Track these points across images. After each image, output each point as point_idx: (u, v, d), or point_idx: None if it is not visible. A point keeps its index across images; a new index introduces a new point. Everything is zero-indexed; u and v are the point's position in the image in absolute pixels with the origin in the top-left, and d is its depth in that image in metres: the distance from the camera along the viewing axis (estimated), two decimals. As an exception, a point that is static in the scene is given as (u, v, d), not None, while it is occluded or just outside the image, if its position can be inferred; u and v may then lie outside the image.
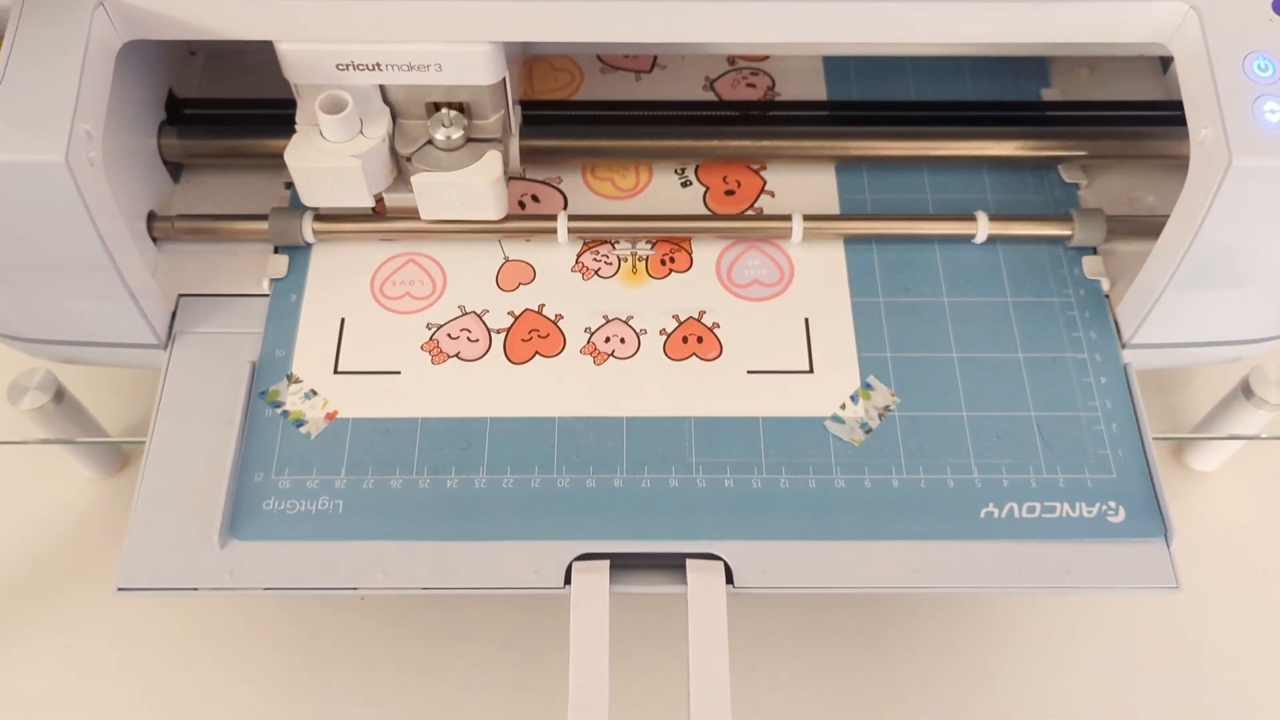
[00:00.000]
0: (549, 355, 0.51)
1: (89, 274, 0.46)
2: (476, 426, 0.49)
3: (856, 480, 0.47)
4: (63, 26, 0.43)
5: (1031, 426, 0.49)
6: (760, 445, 0.48)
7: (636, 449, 0.48)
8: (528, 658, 0.55)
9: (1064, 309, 0.52)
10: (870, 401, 0.49)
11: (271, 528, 0.46)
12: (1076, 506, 0.47)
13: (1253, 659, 0.55)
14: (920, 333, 0.51)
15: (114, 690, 0.54)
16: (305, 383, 0.50)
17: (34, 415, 0.52)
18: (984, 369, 0.50)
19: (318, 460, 0.48)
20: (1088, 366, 0.50)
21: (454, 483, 0.47)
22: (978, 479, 0.48)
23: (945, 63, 0.60)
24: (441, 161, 0.49)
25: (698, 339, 0.51)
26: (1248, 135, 0.42)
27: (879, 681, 0.55)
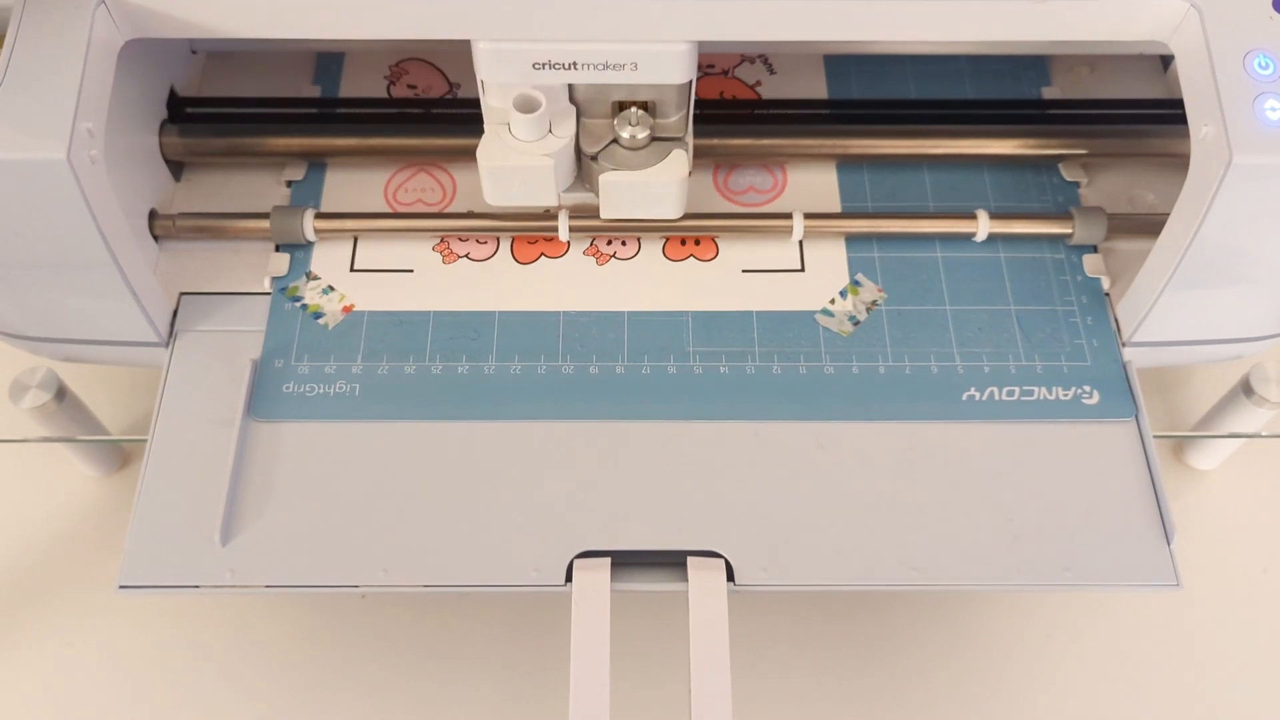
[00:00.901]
0: (554, 256, 0.53)
1: (90, 272, 0.46)
2: (485, 319, 0.51)
3: (845, 367, 0.50)
4: (64, 25, 0.43)
5: (1011, 319, 0.51)
6: (754, 336, 0.51)
7: (637, 340, 0.51)
8: (528, 656, 0.55)
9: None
10: (858, 297, 0.52)
11: (291, 408, 0.49)
12: (1053, 390, 0.49)
13: (1253, 657, 0.55)
14: (913, 286, 0.53)
15: (113, 689, 0.54)
16: (323, 279, 0.52)
17: (35, 413, 0.52)
18: (968, 267, 0.53)
19: (335, 348, 0.50)
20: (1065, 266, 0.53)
21: (465, 369, 0.50)
22: (960, 365, 0.50)
23: (946, 61, 0.60)
24: (626, 160, 0.49)
25: (695, 241, 0.54)
26: (1248, 133, 0.42)
27: (880, 679, 0.55)
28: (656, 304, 0.52)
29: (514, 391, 0.49)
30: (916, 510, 0.47)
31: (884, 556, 0.46)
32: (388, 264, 0.53)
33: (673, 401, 0.49)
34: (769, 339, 0.51)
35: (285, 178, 0.55)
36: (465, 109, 0.57)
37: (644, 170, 0.49)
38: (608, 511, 0.47)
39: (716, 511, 0.47)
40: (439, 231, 0.54)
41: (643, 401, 0.49)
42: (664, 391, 0.49)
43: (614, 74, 0.46)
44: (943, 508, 0.47)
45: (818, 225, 0.53)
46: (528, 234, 0.54)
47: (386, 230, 0.53)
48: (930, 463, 0.48)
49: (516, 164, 0.48)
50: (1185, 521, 0.58)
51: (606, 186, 0.50)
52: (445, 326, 0.51)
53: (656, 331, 0.51)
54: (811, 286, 0.52)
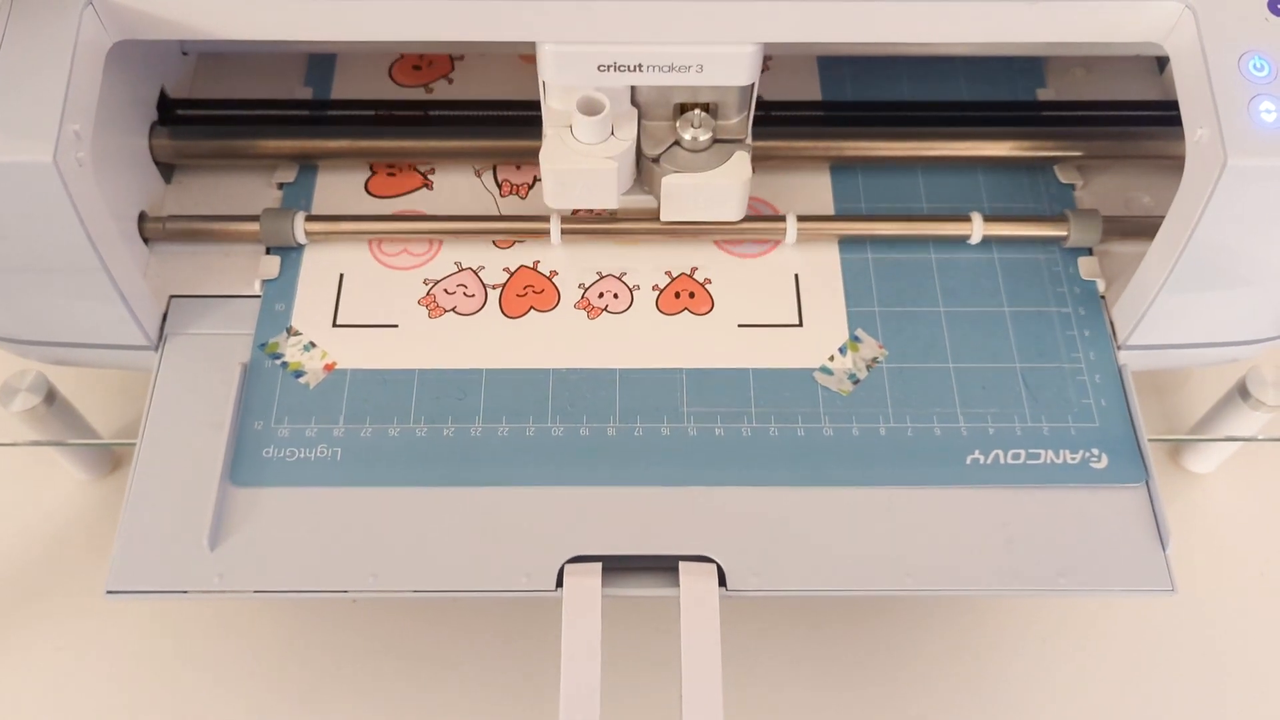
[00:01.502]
0: (544, 310, 0.52)
1: (79, 275, 0.46)
2: (472, 377, 0.49)
3: (845, 429, 0.48)
4: (51, 26, 0.42)
5: (1017, 378, 0.49)
6: (750, 395, 0.49)
7: (629, 399, 0.49)
8: (519, 661, 0.54)
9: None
10: (858, 354, 0.50)
11: (271, 474, 0.47)
12: (1060, 453, 0.48)
13: (1249, 660, 0.55)
14: (909, 287, 0.52)
15: (104, 692, 0.54)
16: (304, 335, 0.51)
17: (25, 417, 0.52)
18: (971, 322, 0.51)
19: (317, 409, 0.49)
20: (1071, 320, 0.51)
21: (450, 431, 0.48)
22: (964, 427, 0.48)
23: (940, 63, 0.60)
24: (688, 163, 0.49)
25: (689, 294, 0.52)
26: (1243, 135, 0.41)
27: (873, 685, 0.54)
28: (650, 360, 0.50)
29: (501, 456, 0.47)
30: (910, 502, 0.47)
31: (877, 561, 0.46)
32: (372, 319, 0.51)
33: (666, 466, 0.47)
34: (766, 399, 0.49)
35: (276, 180, 0.55)
36: (457, 110, 0.58)
37: (707, 172, 0.49)
38: (599, 516, 0.46)
39: (708, 516, 0.46)
40: (430, 234, 0.53)
41: (635, 466, 0.47)
42: (657, 455, 0.47)
43: (678, 76, 0.46)
44: (937, 501, 0.47)
45: (811, 228, 0.53)
46: (517, 235, 0.53)
47: (378, 233, 0.53)
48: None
49: (580, 167, 0.48)
50: (1182, 525, 0.58)
51: (669, 189, 0.49)
52: (431, 385, 0.49)
53: (650, 390, 0.49)
54: (810, 342, 0.50)
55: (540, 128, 0.55)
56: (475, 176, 0.56)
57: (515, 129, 0.56)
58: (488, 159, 0.56)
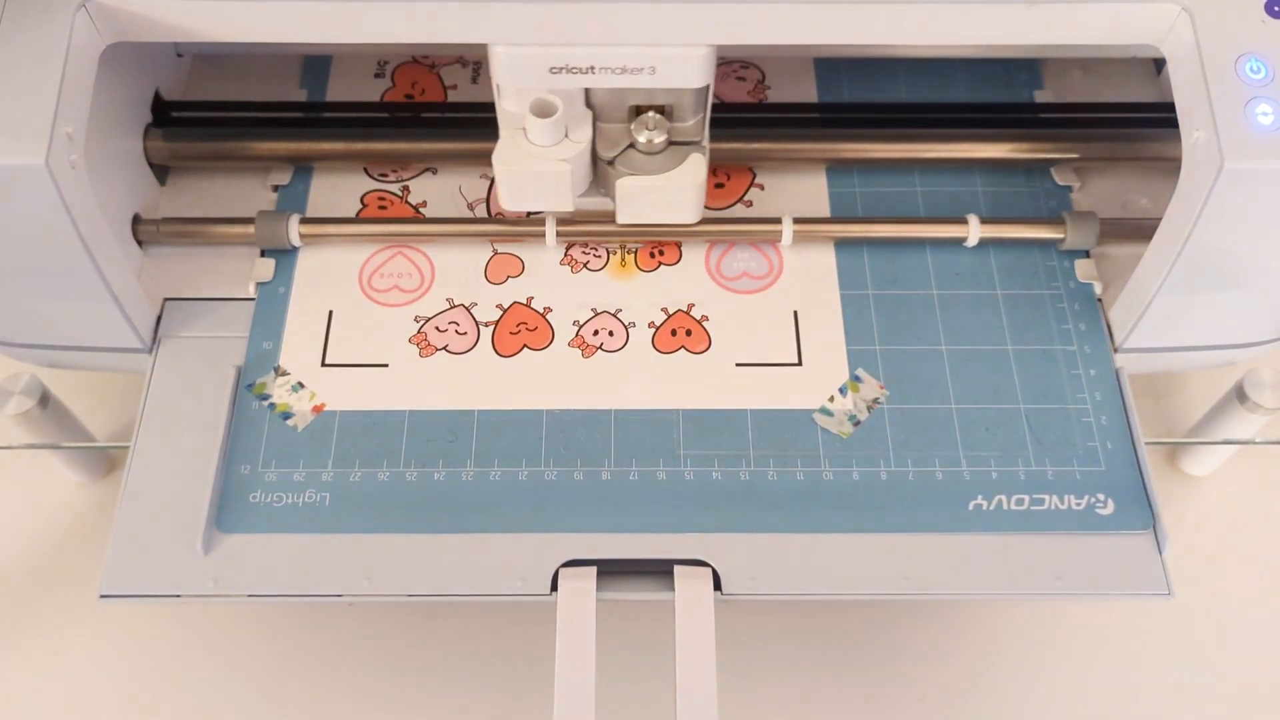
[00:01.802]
0: (537, 348, 0.51)
1: (73, 278, 0.46)
2: (464, 419, 0.49)
3: (845, 473, 0.47)
4: (44, 28, 0.42)
5: (1020, 419, 0.49)
6: (748, 438, 0.48)
7: (624, 441, 0.48)
8: (514, 665, 0.54)
9: (1056, 312, 0.51)
10: (859, 394, 0.49)
11: (258, 520, 0.46)
12: (1065, 499, 0.47)
13: (1246, 665, 0.55)
14: (909, 326, 0.51)
15: (98, 696, 0.54)
16: (292, 375, 0.50)
17: (19, 420, 0.52)
18: (973, 362, 0.50)
19: (305, 453, 0.48)
20: (1077, 359, 0.50)
21: (441, 475, 0.47)
22: (966, 471, 0.47)
23: (937, 64, 0.60)
24: (643, 165, 0.49)
25: (686, 332, 0.51)
26: (1239, 138, 0.41)
27: (869, 689, 0.54)
28: (645, 401, 0.49)
29: (493, 501, 0.47)
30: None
31: (873, 565, 0.45)
32: (361, 358, 0.50)
33: (662, 511, 0.46)
34: (764, 441, 0.48)
35: (271, 182, 0.55)
36: (453, 112, 0.58)
37: (661, 175, 0.48)
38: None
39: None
40: (425, 236, 0.53)
41: (630, 511, 0.46)
42: (653, 500, 0.47)
43: (632, 78, 0.46)
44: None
45: (807, 229, 0.53)
46: (511, 237, 0.53)
47: (373, 235, 0.53)
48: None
49: (533, 169, 0.48)
50: (1179, 528, 0.58)
51: (624, 191, 0.49)
52: (421, 428, 0.48)
53: (645, 432, 0.48)
54: (809, 382, 0.50)
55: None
56: (468, 210, 0.55)
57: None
58: (484, 161, 0.56)
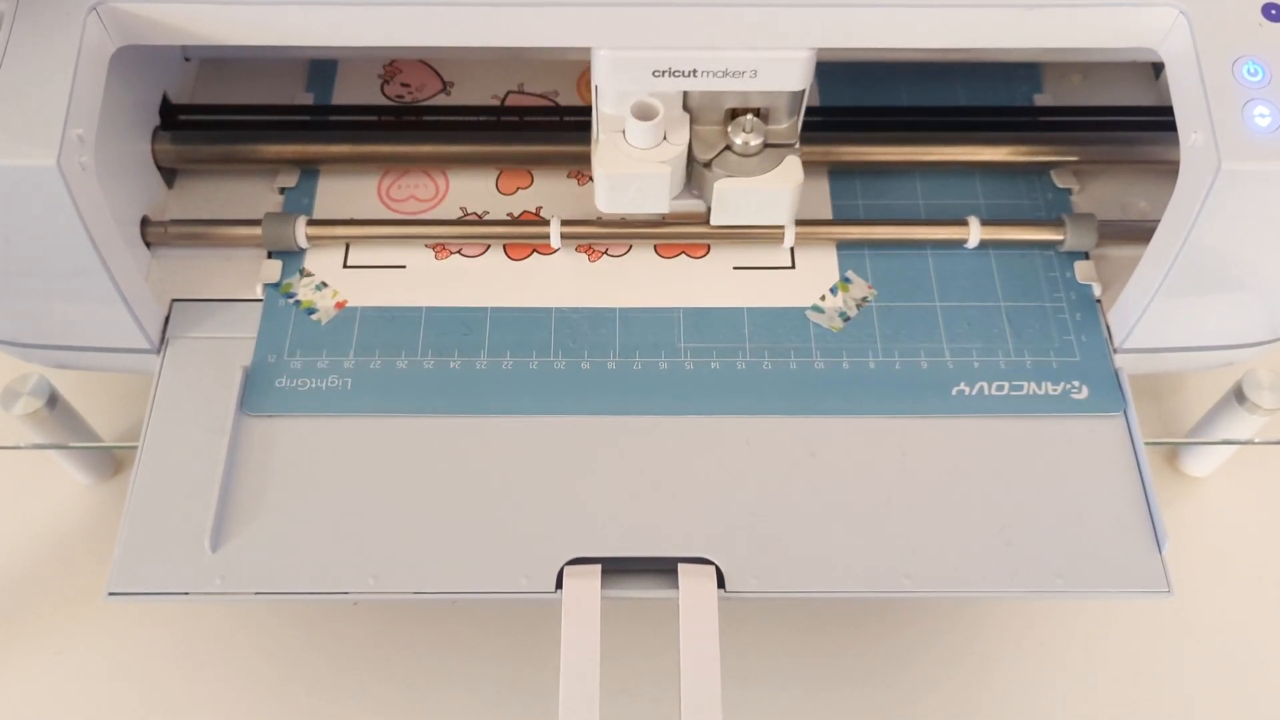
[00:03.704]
0: (546, 253, 0.53)
1: (82, 279, 0.46)
2: (478, 315, 0.51)
3: (835, 363, 0.50)
4: (55, 32, 0.43)
5: (1001, 315, 0.51)
6: (745, 332, 0.51)
7: (628, 336, 0.51)
8: (518, 663, 0.55)
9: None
10: (849, 293, 0.52)
11: (284, 402, 0.49)
12: (1042, 385, 0.50)
13: (1246, 665, 0.55)
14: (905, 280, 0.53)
15: (105, 696, 0.54)
16: (316, 276, 0.53)
17: (28, 420, 0.52)
18: (958, 262, 0.53)
19: (328, 343, 0.50)
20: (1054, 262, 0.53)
21: (457, 364, 0.50)
22: (950, 361, 0.50)
23: (937, 68, 0.60)
24: (739, 167, 0.49)
25: None
26: (1237, 140, 0.42)
27: (872, 687, 0.54)
28: (648, 300, 0.52)
29: (506, 386, 0.49)
30: (909, 517, 0.47)
31: (876, 564, 0.46)
32: (380, 260, 0.53)
33: (664, 397, 0.49)
34: (760, 335, 0.51)
35: (278, 185, 0.55)
36: (455, 115, 0.58)
37: (759, 177, 0.49)
38: (598, 518, 0.46)
39: (708, 518, 0.47)
40: (430, 238, 0.54)
41: (634, 397, 0.49)
42: (655, 387, 0.49)
43: (733, 81, 0.46)
44: (935, 515, 0.47)
45: (809, 232, 0.53)
46: (519, 241, 0.54)
47: (378, 237, 0.53)
48: (921, 463, 0.48)
49: (634, 171, 0.48)
50: (1179, 529, 0.58)
51: (721, 193, 0.49)
52: (438, 322, 0.51)
53: (648, 328, 0.51)
54: (802, 284, 0.53)
55: (538, 134, 0.56)
56: None
57: (515, 134, 0.56)
58: (492, 164, 0.57)
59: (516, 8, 0.44)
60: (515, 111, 0.58)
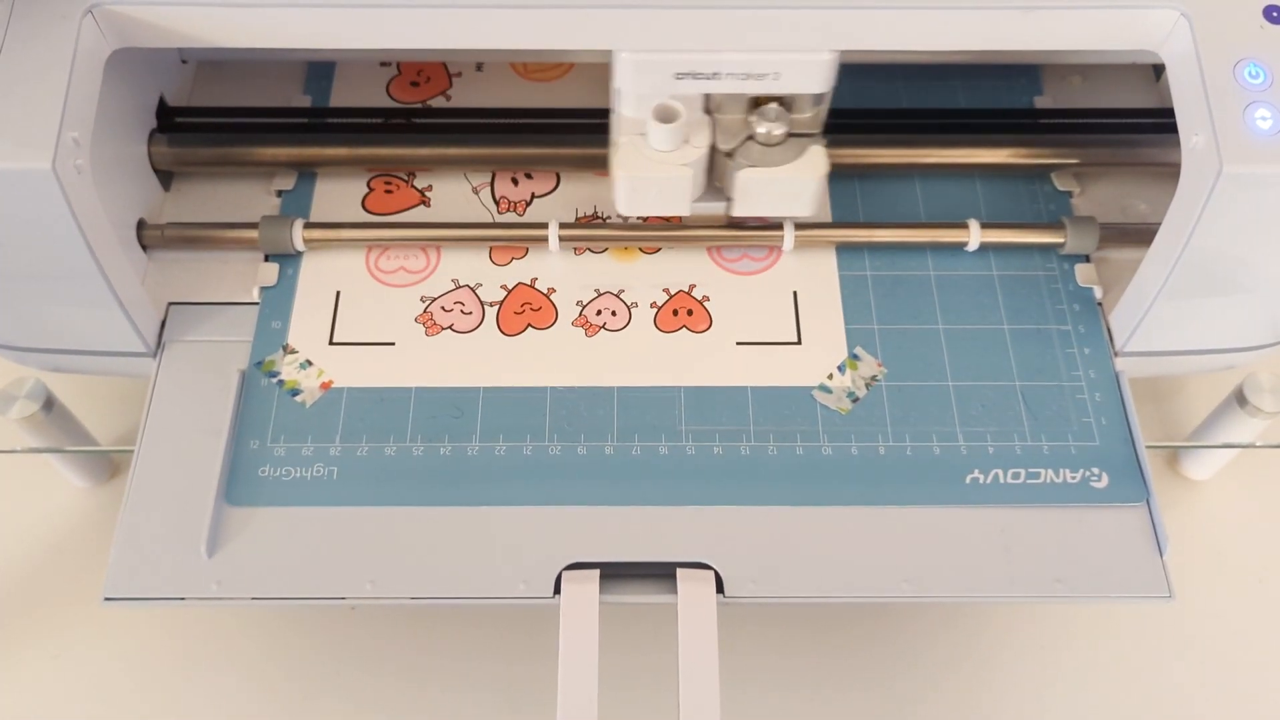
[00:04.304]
0: (541, 327, 0.52)
1: (77, 282, 0.46)
2: (470, 396, 0.49)
3: (843, 448, 0.48)
4: (51, 34, 0.43)
5: (1016, 396, 0.49)
6: (749, 414, 0.49)
7: (627, 418, 0.49)
8: (517, 668, 0.54)
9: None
10: (857, 372, 0.50)
11: (267, 494, 0.47)
12: (1060, 472, 0.48)
13: (1247, 668, 0.55)
14: (907, 306, 0.52)
15: (102, 700, 0.54)
16: (301, 353, 0.50)
17: (24, 424, 0.52)
18: (969, 339, 0.51)
19: (313, 428, 0.48)
20: (1071, 338, 0.51)
21: (447, 450, 0.48)
22: (963, 446, 0.48)
23: (937, 70, 0.60)
24: (762, 157, 0.48)
25: (688, 312, 0.52)
26: (1238, 142, 0.42)
27: (871, 692, 0.54)
28: (647, 379, 0.50)
29: (499, 474, 0.47)
30: (908, 522, 0.47)
31: (875, 569, 0.46)
32: (368, 336, 0.51)
33: (664, 485, 0.47)
34: (765, 417, 0.49)
35: (275, 187, 0.55)
36: (452, 119, 0.58)
37: (783, 167, 0.48)
38: (597, 522, 0.46)
39: (706, 522, 0.46)
40: (427, 240, 0.53)
41: (633, 485, 0.47)
42: (655, 474, 0.47)
43: (755, 84, 0.46)
44: (935, 519, 0.47)
45: (809, 235, 0.53)
46: (514, 243, 0.54)
47: (377, 240, 0.53)
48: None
49: (655, 174, 0.48)
50: (1180, 532, 0.58)
51: (743, 183, 0.49)
52: (427, 404, 0.49)
53: (647, 408, 0.49)
54: (808, 360, 0.50)
55: (536, 136, 0.56)
56: (473, 194, 0.56)
57: (515, 136, 0.56)
58: (487, 166, 0.56)
59: (536, 10, 0.43)
60: (514, 114, 0.58)
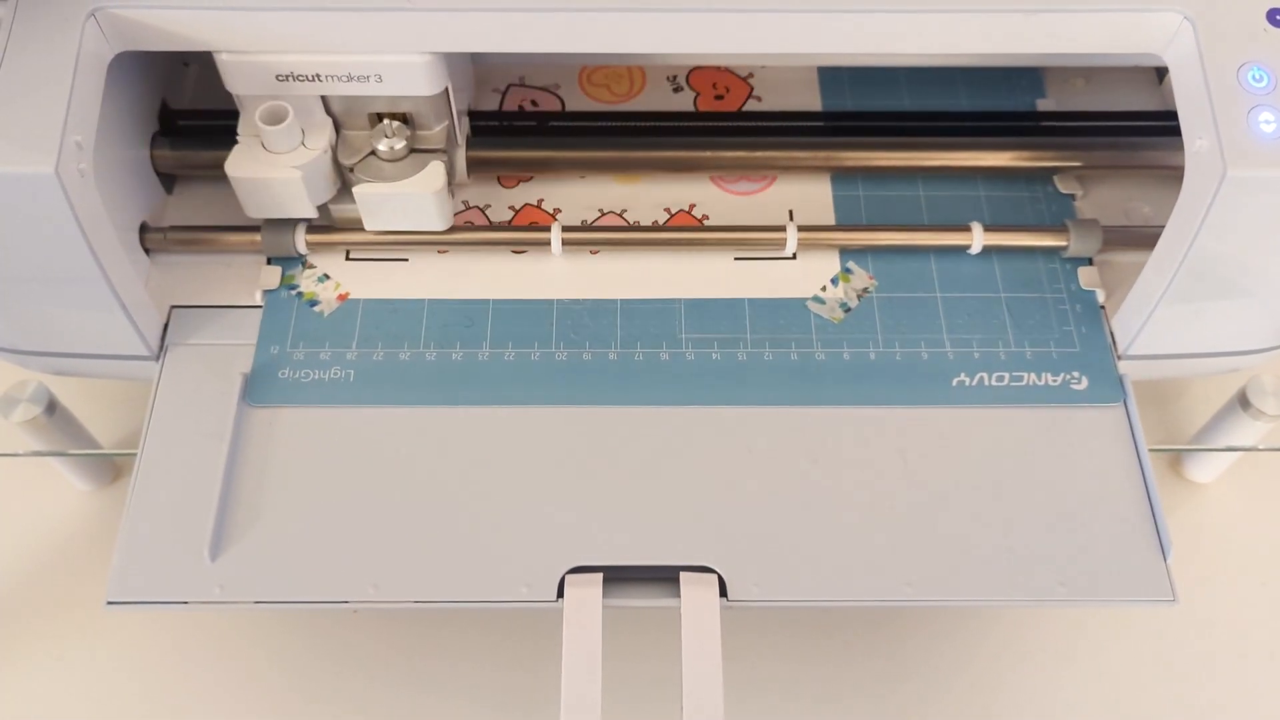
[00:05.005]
0: (548, 245, 0.53)
1: (80, 286, 0.46)
2: (479, 307, 0.52)
3: (836, 353, 0.50)
4: (54, 38, 0.43)
5: (1001, 307, 0.52)
6: (746, 323, 0.51)
7: (629, 327, 0.51)
8: (520, 672, 0.54)
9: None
10: (850, 284, 0.53)
11: (287, 393, 0.49)
12: (1042, 375, 0.50)
13: (1251, 672, 0.55)
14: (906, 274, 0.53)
15: (105, 703, 0.54)
16: (319, 267, 0.53)
17: (26, 427, 0.52)
18: (959, 258, 0.53)
19: (330, 335, 0.51)
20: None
21: (459, 355, 0.50)
22: (950, 351, 0.50)
23: (940, 73, 0.60)
24: (384, 172, 0.50)
25: None
26: (1242, 146, 0.41)
27: (875, 696, 0.54)
28: (649, 292, 0.52)
29: (508, 377, 0.50)
30: (911, 525, 0.46)
31: (878, 572, 0.46)
32: (383, 253, 0.53)
33: (665, 387, 0.49)
34: (761, 326, 0.51)
35: (278, 191, 0.55)
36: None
37: (400, 182, 0.49)
38: (600, 526, 0.46)
39: (709, 526, 0.46)
40: (432, 244, 0.53)
41: (635, 387, 0.49)
42: (657, 377, 0.50)
43: (360, 86, 0.47)
44: (937, 522, 0.47)
45: (811, 237, 0.53)
46: (519, 245, 0.54)
47: (378, 243, 0.53)
48: (923, 462, 0.48)
49: (264, 176, 0.49)
50: (1183, 535, 0.58)
51: (361, 198, 0.50)
52: (440, 314, 0.51)
53: (649, 319, 0.51)
54: (803, 274, 0.53)
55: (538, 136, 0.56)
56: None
57: (516, 138, 0.56)
58: (506, 169, 0.57)
59: None
60: (515, 116, 0.58)
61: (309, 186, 0.49)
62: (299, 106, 0.48)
